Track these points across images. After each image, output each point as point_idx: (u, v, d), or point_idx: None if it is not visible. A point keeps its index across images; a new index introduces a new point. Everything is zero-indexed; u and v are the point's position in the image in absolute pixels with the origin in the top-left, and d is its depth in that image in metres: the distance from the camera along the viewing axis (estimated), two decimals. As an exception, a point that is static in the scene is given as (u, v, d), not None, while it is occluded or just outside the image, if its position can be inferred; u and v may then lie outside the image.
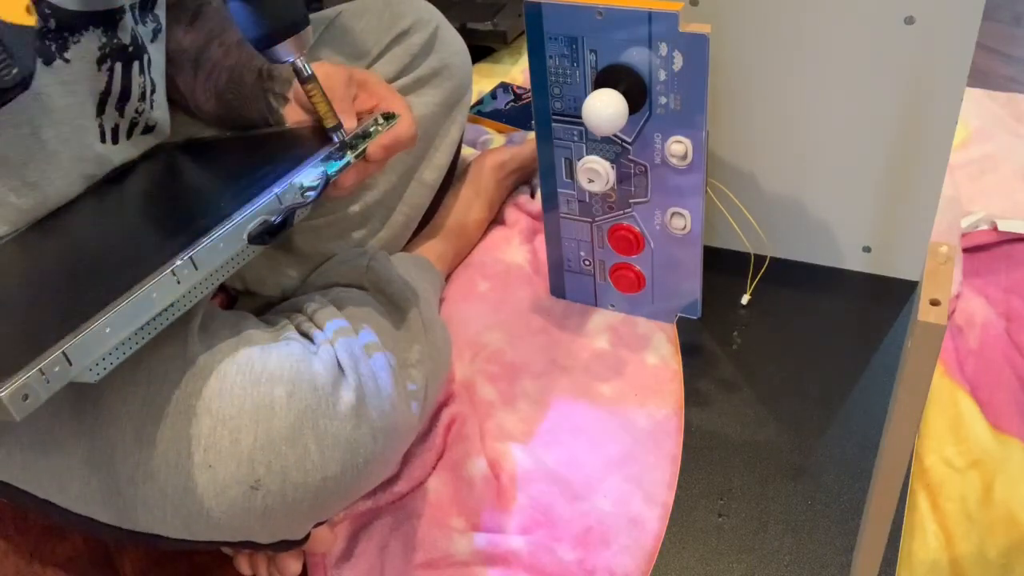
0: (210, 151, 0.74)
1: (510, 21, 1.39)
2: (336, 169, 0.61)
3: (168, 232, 0.58)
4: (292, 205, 0.59)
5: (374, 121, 0.66)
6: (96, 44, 0.62)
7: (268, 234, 0.57)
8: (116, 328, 0.50)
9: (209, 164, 0.71)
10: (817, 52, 0.78)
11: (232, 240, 0.56)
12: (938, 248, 0.42)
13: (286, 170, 0.60)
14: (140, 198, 0.64)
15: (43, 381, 0.46)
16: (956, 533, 0.69)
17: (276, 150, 0.68)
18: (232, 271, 0.57)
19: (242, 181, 0.62)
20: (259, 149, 0.70)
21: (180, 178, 0.68)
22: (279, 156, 0.65)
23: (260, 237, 0.57)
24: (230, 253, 0.56)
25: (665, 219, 0.80)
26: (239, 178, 0.64)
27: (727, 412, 0.78)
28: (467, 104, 0.95)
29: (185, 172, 0.69)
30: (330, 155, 0.62)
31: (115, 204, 0.64)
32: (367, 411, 0.62)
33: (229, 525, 0.60)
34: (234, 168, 0.68)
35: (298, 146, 0.66)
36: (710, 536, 0.69)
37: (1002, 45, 1.32)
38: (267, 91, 0.72)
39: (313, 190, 0.59)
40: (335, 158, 0.62)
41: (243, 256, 0.57)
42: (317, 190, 0.59)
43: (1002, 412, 0.78)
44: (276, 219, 0.58)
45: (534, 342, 0.87)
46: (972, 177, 1.04)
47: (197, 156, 0.73)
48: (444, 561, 0.69)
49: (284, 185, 0.58)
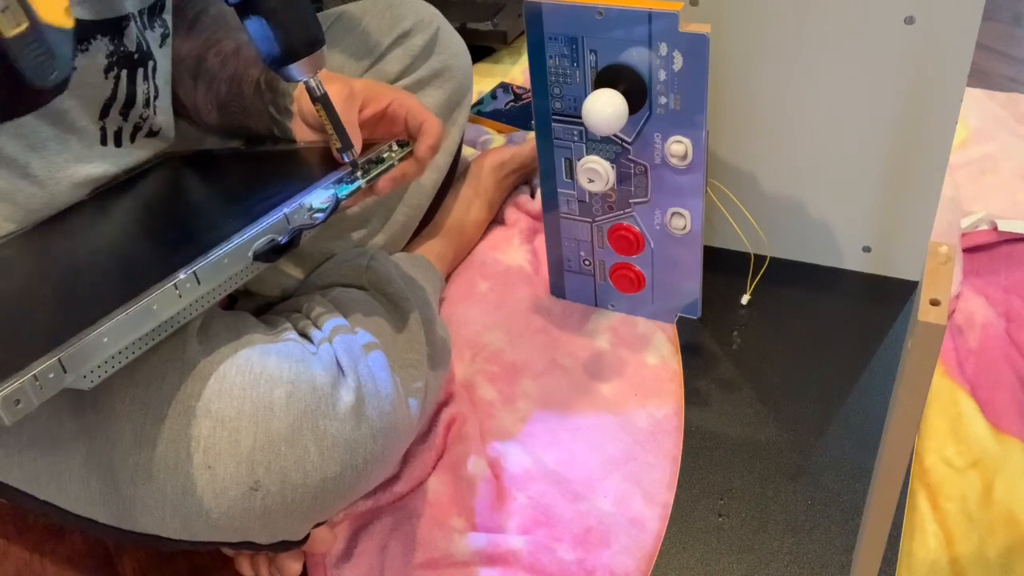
0: (222, 165, 0.74)
1: (510, 21, 1.39)
2: (347, 193, 0.61)
3: (174, 244, 0.58)
4: (300, 226, 0.59)
5: (388, 147, 0.66)
6: (104, 52, 0.62)
7: (273, 252, 0.57)
8: (114, 338, 0.49)
9: (220, 179, 0.71)
10: (817, 52, 0.78)
11: (237, 257, 0.56)
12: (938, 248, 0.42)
13: (297, 190, 0.60)
14: (149, 209, 0.64)
15: (36, 387, 0.46)
16: (956, 533, 0.69)
17: (288, 169, 0.68)
18: (235, 287, 0.57)
19: (252, 198, 0.62)
20: (271, 167, 0.70)
21: (190, 191, 0.68)
22: (291, 175, 0.65)
23: (265, 255, 0.57)
24: (234, 270, 0.56)
25: (665, 219, 0.80)
26: (249, 195, 0.64)
27: (727, 412, 0.78)
28: (467, 105, 0.95)
29: (195, 185, 0.69)
30: (341, 178, 0.62)
31: (124, 213, 0.64)
32: (367, 411, 0.62)
33: (229, 526, 0.60)
34: (245, 184, 0.68)
35: (310, 166, 0.66)
36: (710, 536, 0.69)
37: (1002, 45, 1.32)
38: (268, 104, 0.72)
39: (322, 212, 0.59)
40: (346, 181, 0.62)
41: (247, 273, 0.57)
42: (326, 212, 0.59)
43: (1002, 412, 0.78)
44: (283, 239, 0.58)
45: (534, 342, 0.87)
46: (972, 177, 1.04)
47: (209, 170, 0.73)
48: (444, 561, 0.69)
49: (294, 205, 0.58)
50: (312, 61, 0.59)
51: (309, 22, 0.58)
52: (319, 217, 0.59)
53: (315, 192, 0.60)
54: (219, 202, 0.65)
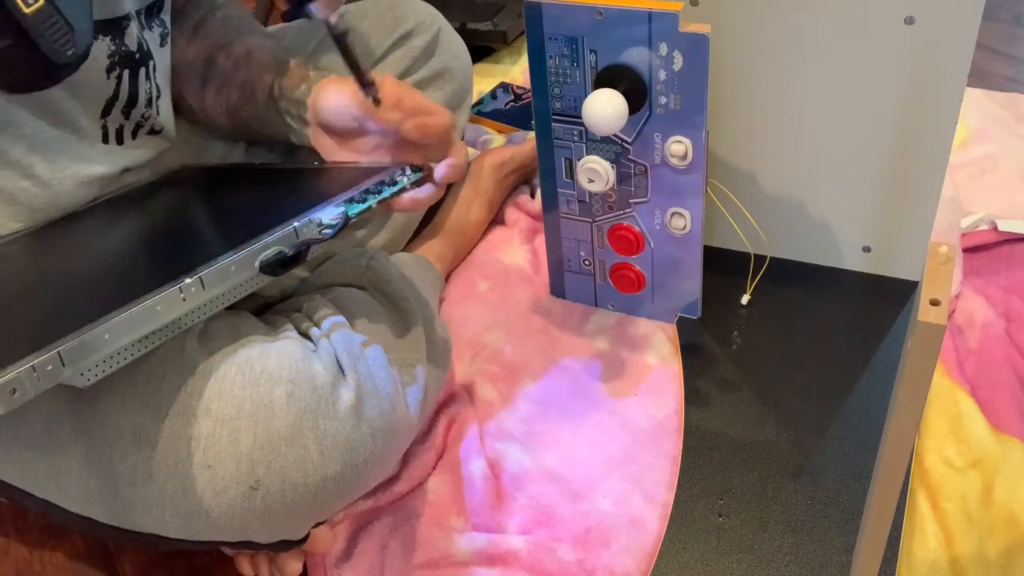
0: (236, 179, 0.75)
1: (510, 21, 1.39)
2: (357, 212, 0.62)
3: (183, 250, 0.59)
4: (308, 240, 0.59)
5: (402, 171, 0.66)
6: (105, 53, 0.62)
7: (280, 265, 0.58)
8: (115, 336, 0.50)
9: (233, 191, 0.72)
10: (817, 52, 0.78)
11: (244, 266, 0.56)
12: (938, 248, 0.42)
13: (308, 205, 0.61)
14: (160, 216, 0.65)
15: (34, 378, 0.46)
16: (956, 533, 0.69)
17: (301, 186, 0.69)
18: (238, 297, 0.57)
19: (264, 210, 0.63)
20: (284, 183, 0.71)
21: (203, 202, 0.69)
22: (303, 192, 0.66)
23: (271, 267, 0.57)
24: (240, 279, 0.56)
25: (665, 219, 0.80)
26: (260, 208, 0.64)
27: (727, 412, 0.78)
28: (468, 107, 0.96)
29: (208, 197, 0.70)
30: (353, 197, 0.63)
31: (135, 219, 0.65)
32: (367, 411, 0.62)
33: (228, 525, 0.60)
34: (257, 196, 0.69)
35: (323, 183, 0.67)
36: (710, 536, 0.69)
37: (1002, 45, 1.32)
38: (283, 112, 0.72)
39: (331, 228, 0.60)
40: (357, 200, 0.63)
41: (252, 283, 0.58)
42: (335, 229, 0.60)
43: (1002, 412, 0.78)
44: (290, 252, 0.58)
45: (534, 342, 0.87)
46: (972, 177, 1.04)
47: (223, 183, 0.74)
48: (444, 561, 0.69)
49: (304, 219, 0.59)
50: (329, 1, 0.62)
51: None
52: (328, 233, 0.60)
53: (326, 209, 0.61)
54: (230, 213, 0.66)
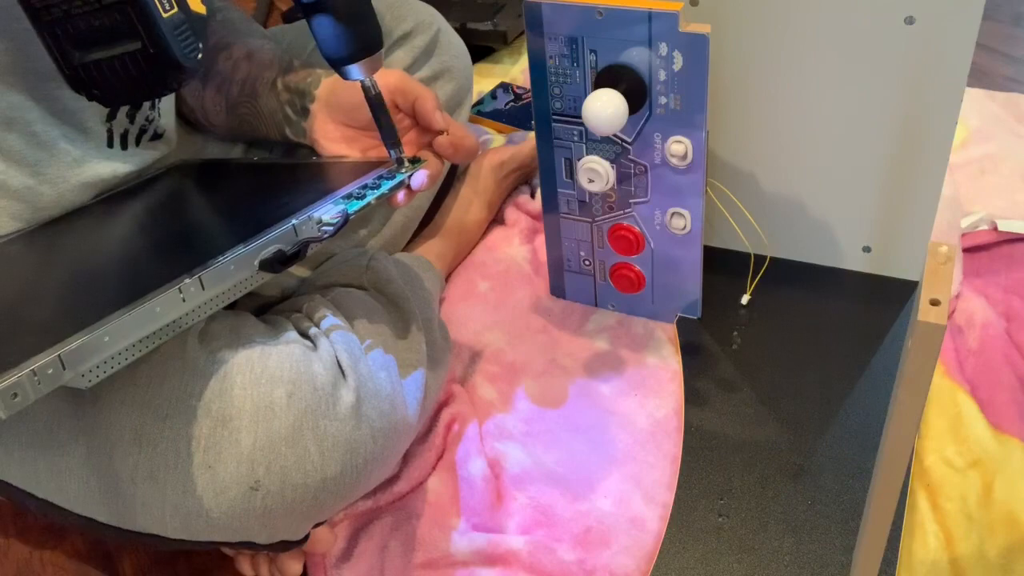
0: (234, 175, 0.75)
1: (510, 21, 1.39)
2: (356, 209, 0.62)
3: (181, 250, 0.58)
4: (307, 238, 0.59)
5: (399, 163, 0.67)
6: None
7: (279, 263, 0.58)
8: (115, 338, 0.50)
9: (231, 188, 0.72)
10: (817, 52, 0.78)
11: (243, 264, 0.56)
12: (938, 248, 0.42)
13: (307, 202, 0.61)
14: (159, 214, 0.65)
15: (34, 382, 0.46)
16: (956, 533, 0.69)
17: (299, 182, 0.68)
18: (238, 295, 0.57)
19: (262, 208, 0.63)
20: (283, 179, 0.71)
21: (201, 199, 0.69)
22: (302, 188, 0.66)
23: (271, 265, 0.57)
24: (239, 277, 0.56)
25: (665, 219, 0.80)
26: (259, 205, 0.64)
27: (727, 412, 0.78)
28: (468, 107, 0.95)
29: (206, 193, 0.70)
30: (351, 194, 0.63)
31: (133, 217, 0.64)
32: (367, 411, 0.63)
33: (229, 526, 0.61)
34: (255, 195, 0.69)
35: (322, 181, 0.67)
36: (710, 536, 0.69)
37: (1002, 45, 1.32)
38: (284, 104, 0.72)
39: (330, 226, 0.60)
40: (356, 196, 0.63)
41: (251, 281, 0.57)
42: (334, 227, 0.60)
43: (1002, 412, 0.78)
44: (290, 249, 0.58)
45: (534, 342, 0.87)
46: (972, 177, 1.04)
47: (220, 179, 0.73)
48: (444, 561, 0.69)
49: (303, 217, 0.59)
50: (372, 62, 0.62)
51: (372, 24, 0.61)
52: (327, 230, 0.60)
53: (325, 206, 0.61)
54: (229, 211, 0.66)
